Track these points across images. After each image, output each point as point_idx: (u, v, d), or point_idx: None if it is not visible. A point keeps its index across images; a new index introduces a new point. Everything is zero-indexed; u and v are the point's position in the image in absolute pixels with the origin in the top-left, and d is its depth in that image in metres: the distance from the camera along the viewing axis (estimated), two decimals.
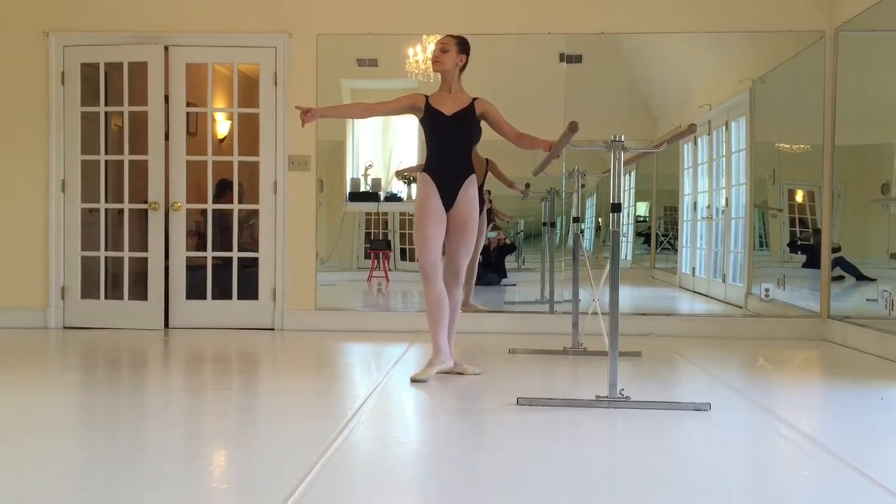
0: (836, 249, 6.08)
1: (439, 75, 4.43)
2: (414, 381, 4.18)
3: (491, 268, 6.97)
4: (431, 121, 4.35)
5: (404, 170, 6.90)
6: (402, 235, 7.02)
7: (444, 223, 4.34)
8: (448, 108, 4.34)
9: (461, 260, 4.37)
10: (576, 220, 5.29)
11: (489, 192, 6.49)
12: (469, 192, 4.34)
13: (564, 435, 3.24)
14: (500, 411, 3.55)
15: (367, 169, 6.98)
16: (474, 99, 4.39)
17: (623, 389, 3.57)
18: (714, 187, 6.82)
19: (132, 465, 2.77)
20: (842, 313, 5.87)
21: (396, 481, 2.66)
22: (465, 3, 6.25)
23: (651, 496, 2.47)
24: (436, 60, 4.36)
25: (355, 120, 6.78)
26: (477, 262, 6.37)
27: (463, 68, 4.40)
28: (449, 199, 4.32)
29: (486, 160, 6.25)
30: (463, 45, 4.40)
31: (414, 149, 6.87)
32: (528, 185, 6.56)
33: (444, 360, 4.33)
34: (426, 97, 4.39)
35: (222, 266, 6.45)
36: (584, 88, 6.44)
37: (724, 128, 6.68)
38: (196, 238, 6.83)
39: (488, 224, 6.66)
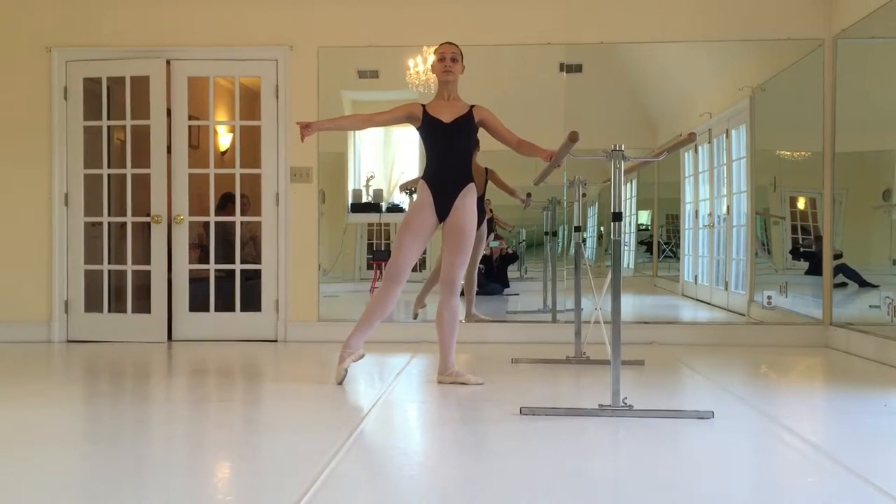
0: (838, 256, 6.08)
1: (435, 84, 4.47)
2: (338, 383, 4.37)
3: (493, 277, 6.98)
4: (430, 129, 4.36)
5: (407, 183, 6.92)
6: None
7: (427, 236, 4.40)
8: (447, 115, 4.36)
9: (456, 270, 4.34)
10: (577, 229, 5.30)
11: (489, 202, 6.51)
12: (467, 200, 4.34)
13: (567, 444, 3.24)
14: (504, 421, 3.55)
15: (368, 180, 7.00)
16: (472, 106, 4.41)
17: (626, 398, 3.57)
18: (715, 195, 6.83)
19: (136, 478, 2.77)
20: (844, 320, 5.87)
21: (400, 492, 2.66)
22: (465, 14, 6.28)
23: None
24: (448, 70, 4.38)
25: (356, 131, 6.81)
26: (477, 271, 6.37)
27: None
28: (446, 208, 4.34)
29: (486, 170, 6.26)
30: (461, 52, 4.46)
31: (415, 160, 6.89)
32: (529, 195, 6.57)
33: (351, 352, 4.41)
34: (423, 106, 4.41)
35: (225, 278, 6.46)
36: (584, 98, 6.46)
37: (724, 136, 6.70)
38: (199, 250, 6.85)
39: (489, 233, 6.66)
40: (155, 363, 5.49)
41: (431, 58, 4.61)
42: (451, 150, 4.37)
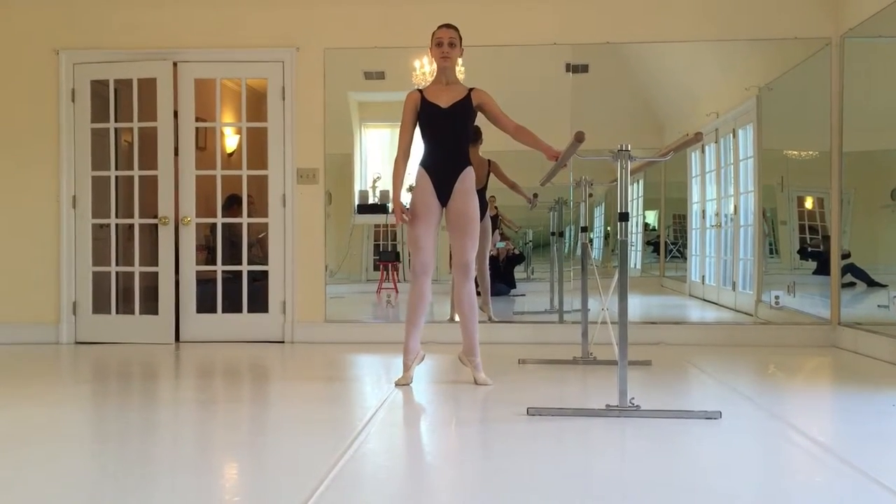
0: (845, 256, 6.06)
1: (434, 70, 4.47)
2: (397, 385, 4.37)
3: (500, 278, 6.98)
4: (427, 114, 4.36)
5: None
6: None
7: (436, 221, 4.38)
8: (444, 100, 4.36)
9: (467, 253, 4.33)
10: (584, 229, 5.30)
11: (494, 198, 6.49)
12: (465, 183, 4.34)
13: (575, 444, 3.24)
14: (511, 421, 3.55)
15: (375, 181, 7.00)
16: (471, 89, 4.40)
17: (633, 398, 3.57)
18: (722, 195, 6.81)
19: (144, 478, 2.78)
20: (853, 320, 5.85)
21: (407, 492, 2.66)
22: (471, 15, 6.27)
23: None
24: (446, 56, 4.37)
25: (361, 131, 6.84)
26: (488, 270, 6.33)
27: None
28: (446, 193, 4.34)
29: (489, 161, 6.23)
30: (460, 35, 4.44)
31: None
32: (536, 195, 6.56)
33: (414, 356, 4.44)
34: (420, 92, 4.41)
35: (232, 279, 6.48)
36: (590, 98, 6.45)
37: (731, 135, 6.68)
38: (206, 252, 6.86)
39: (494, 230, 6.65)
40: (162, 364, 5.50)
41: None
42: (448, 135, 4.36)
